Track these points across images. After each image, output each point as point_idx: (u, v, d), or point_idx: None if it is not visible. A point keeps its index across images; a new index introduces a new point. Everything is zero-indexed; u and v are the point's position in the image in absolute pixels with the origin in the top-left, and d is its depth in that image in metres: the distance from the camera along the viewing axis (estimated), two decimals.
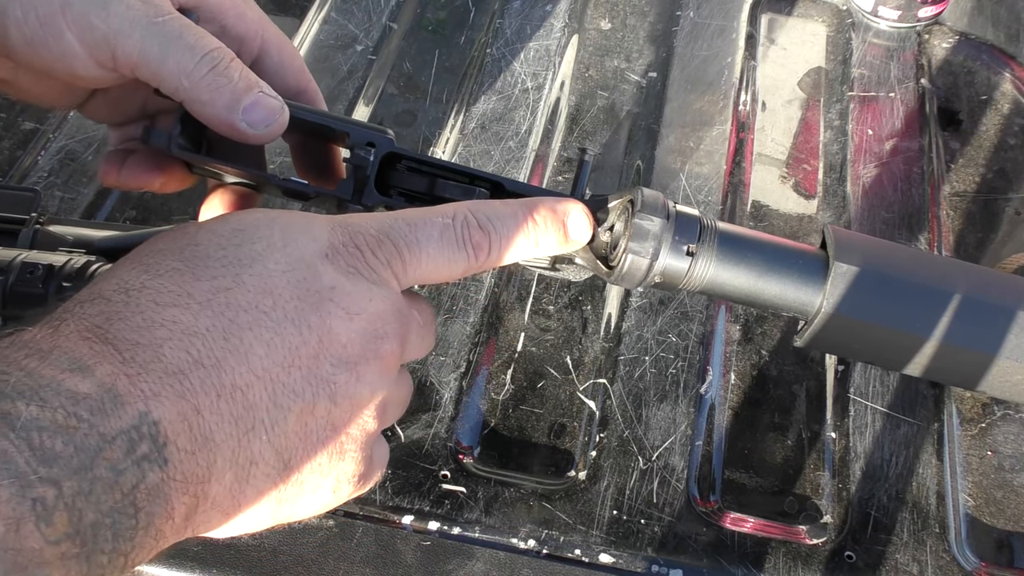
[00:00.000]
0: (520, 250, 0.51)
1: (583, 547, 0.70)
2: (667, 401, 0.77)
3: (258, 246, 0.45)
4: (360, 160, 0.52)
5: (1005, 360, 0.52)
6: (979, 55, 1.05)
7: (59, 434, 0.35)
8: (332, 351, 0.44)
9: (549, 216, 0.51)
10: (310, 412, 0.44)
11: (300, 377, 0.43)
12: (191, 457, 0.39)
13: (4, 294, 0.55)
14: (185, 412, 0.39)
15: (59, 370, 0.37)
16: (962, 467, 0.76)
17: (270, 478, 0.44)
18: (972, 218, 0.92)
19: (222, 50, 0.49)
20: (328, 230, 0.47)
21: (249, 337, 0.42)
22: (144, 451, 0.38)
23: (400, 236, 0.47)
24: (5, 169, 0.91)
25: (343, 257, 0.46)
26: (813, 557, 0.70)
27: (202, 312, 0.42)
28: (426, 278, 0.49)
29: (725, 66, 1.02)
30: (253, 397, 0.42)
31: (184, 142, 0.52)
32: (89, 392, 0.37)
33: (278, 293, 0.44)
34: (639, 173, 0.93)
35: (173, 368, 0.40)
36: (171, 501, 0.39)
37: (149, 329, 0.40)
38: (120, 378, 0.38)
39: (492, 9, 1.07)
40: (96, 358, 0.38)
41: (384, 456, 0.52)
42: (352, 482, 0.48)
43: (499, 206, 0.51)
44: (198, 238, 0.45)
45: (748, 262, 0.52)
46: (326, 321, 0.44)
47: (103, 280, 0.43)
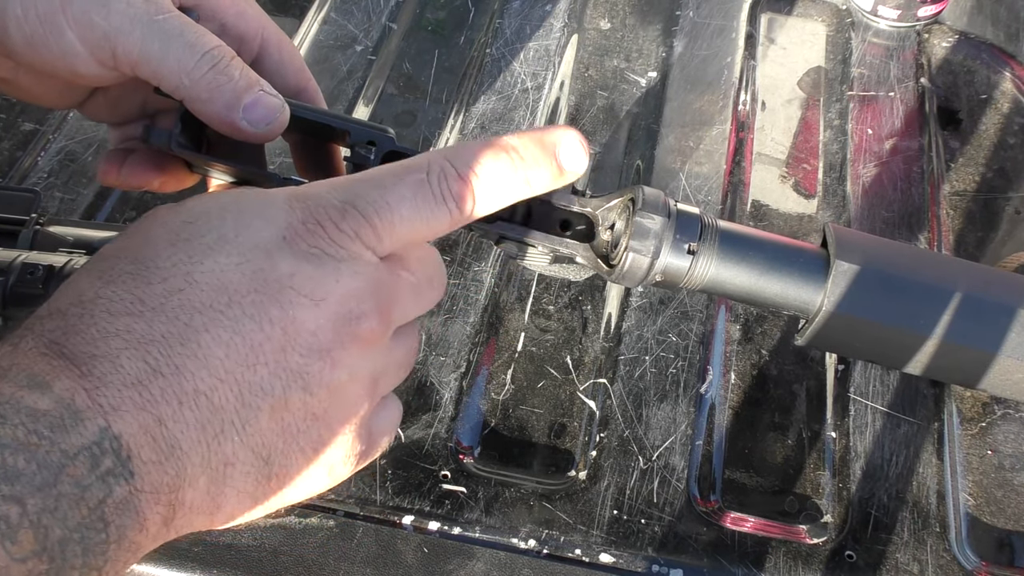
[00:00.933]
0: (510, 193, 0.47)
1: (583, 547, 0.70)
2: (667, 401, 0.77)
3: (208, 238, 0.43)
4: (361, 159, 0.52)
5: (1006, 358, 0.52)
6: (979, 54, 1.05)
7: (21, 451, 0.35)
8: (300, 341, 0.42)
9: (537, 148, 0.47)
10: (283, 407, 0.42)
11: (267, 373, 0.41)
12: (158, 467, 0.38)
13: (4, 295, 0.55)
14: (147, 423, 0.38)
15: (18, 387, 0.37)
16: (962, 466, 0.75)
17: (250, 476, 0.42)
18: (972, 217, 0.92)
19: (222, 48, 0.49)
20: (286, 209, 0.44)
21: (207, 339, 0.40)
22: (108, 466, 0.37)
23: (367, 202, 0.44)
24: (5, 170, 0.91)
25: (303, 238, 0.43)
26: (813, 556, 0.70)
27: (156, 318, 0.40)
28: (405, 241, 0.46)
29: (725, 66, 1.02)
30: (218, 400, 0.40)
31: (184, 141, 0.52)
32: (48, 408, 0.36)
33: (233, 289, 0.41)
34: (639, 173, 0.93)
35: (131, 379, 0.39)
36: (142, 512, 0.38)
37: (104, 340, 0.39)
38: (79, 392, 0.37)
39: (492, 9, 1.07)
40: (54, 373, 0.38)
41: (391, 421, 0.49)
42: (349, 461, 0.47)
43: (478, 148, 0.47)
44: (151, 234, 0.43)
45: (749, 260, 0.52)
46: (288, 312, 0.42)
47: (61, 293, 0.42)
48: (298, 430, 0.43)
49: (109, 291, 0.41)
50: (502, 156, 0.47)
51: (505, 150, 0.47)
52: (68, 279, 0.43)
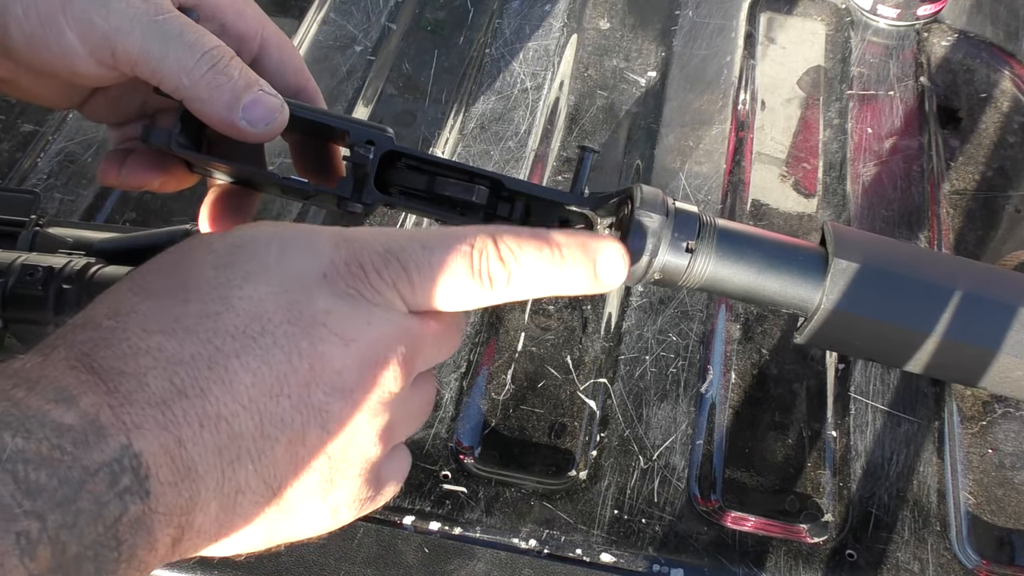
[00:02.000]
0: (543, 286, 0.48)
1: (584, 547, 0.70)
2: (668, 400, 0.77)
3: (251, 265, 0.43)
4: (360, 158, 0.52)
5: (1006, 356, 0.52)
6: (978, 53, 1.05)
7: (43, 466, 0.35)
8: (325, 379, 0.42)
9: (578, 252, 0.47)
10: (300, 441, 0.42)
11: (289, 406, 0.41)
12: (173, 489, 0.39)
13: (4, 296, 0.55)
14: (167, 443, 0.38)
15: (45, 400, 0.37)
16: (963, 465, 0.76)
17: (258, 506, 0.42)
18: (972, 216, 0.92)
19: (222, 48, 0.49)
20: (331, 247, 0.44)
21: (235, 365, 0.41)
22: (126, 483, 0.37)
23: (410, 257, 0.44)
24: (5, 171, 0.91)
25: (343, 278, 0.44)
26: (814, 556, 0.70)
27: (188, 339, 0.40)
28: (436, 305, 0.46)
29: (724, 65, 1.02)
30: (239, 427, 0.40)
31: (184, 141, 0.52)
32: (73, 423, 0.36)
33: (268, 318, 0.42)
34: (639, 172, 0.93)
35: (156, 398, 0.39)
36: (154, 533, 0.38)
37: (134, 357, 0.39)
38: (104, 409, 0.37)
39: (491, 9, 1.07)
40: (81, 388, 0.38)
41: (400, 471, 0.50)
42: (354, 505, 0.47)
43: (524, 235, 0.47)
44: (193, 255, 0.44)
45: (747, 258, 0.51)
46: (318, 347, 0.42)
47: (98, 303, 0.42)
48: (310, 467, 0.43)
49: (145, 307, 0.41)
50: (544, 251, 0.47)
51: (549, 245, 0.47)
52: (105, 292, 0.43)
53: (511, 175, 0.90)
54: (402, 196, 0.54)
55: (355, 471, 0.45)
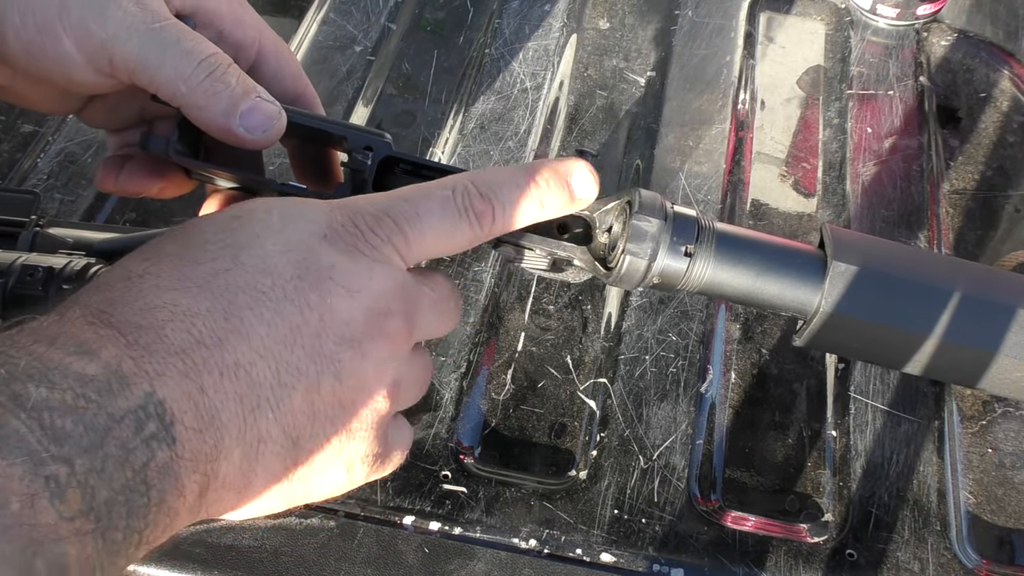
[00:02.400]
0: (525, 213, 0.50)
1: (584, 547, 0.70)
2: (668, 400, 0.77)
3: (256, 227, 0.45)
4: (358, 164, 0.52)
5: (1005, 357, 0.52)
6: (978, 52, 1.05)
7: (69, 414, 0.36)
8: (334, 329, 0.44)
9: (551, 176, 0.51)
10: (315, 390, 0.44)
11: (303, 355, 0.43)
12: (198, 435, 0.40)
13: (4, 296, 0.55)
14: (189, 391, 0.40)
15: (66, 353, 0.38)
16: (963, 464, 0.76)
17: (279, 456, 0.44)
18: (972, 215, 0.92)
19: (219, 56, 0.49)
20: (327, 211, 0.46)
21: (249, 316, 0.42)
22: (152, 430, 0.38)
23: (399, 212, 0.47)
24: (5, 171, 0.91)
25: (342, 237, 0.46)
26: (814, 555, 0.70)
27: (201, 294, 0.42)
28: (431, 252, 0.48)
29: (724, 65, 1.02)
30: (256, 375, 0.42)
31: (182, 147, 0.52)
32: (96, 374, 0.37)
33: (277, 273, 0.44)
34: (638, 172, 0.93)
35: (176, 348, 0.40)
36: (181, 479, 0.39)
37: (151, 312, 0.41)
38: (125, 360, 0.39)
39: (490, 9, 1.07)
40: (101, 341, 0.39)
41: (405, 438, 0.52)
42: (367, 462, 0.48)
43: (499, 172, 0.50)
44: (199, 224, 0.46)
45: (746, 262, 0.52)
46: (326, 299, 0.44)
47: (109, 271, 0.44)
48: (326, 416, 0.45)
49: (157, 268, 0.43)
50: (520, 180, 0.50)
51: (525, 175, 0.50)
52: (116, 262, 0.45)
53: None
54: None
55: (367, 423, 0.47)
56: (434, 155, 0.94)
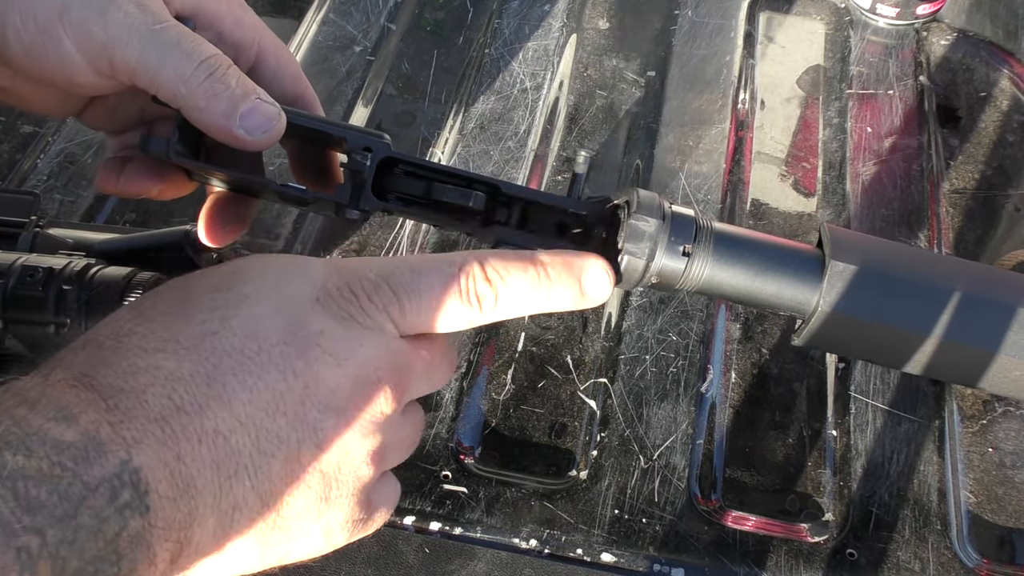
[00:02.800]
0: (530, 305, 0.49)
1: (585, 547, 0.70)
2: (668, 400, 0.77)
3: (248, 288, 0.44)
4: (357, 165, 0.52)
5: (1004, 357, 0.52)
6: (977, 52, 1.05)
7: (44, 483, 0.35)
8: (319, 397, 0.43)
9: (563, 271, 0.49)
10: (295, 459, 0.43)
11: (285, 423, 0.42)
12: (172, 504, 0.39)
13: (4, 297, 0.55)
14: (166, 459, 0.39)
15: (45, 419, 0.37)
16: (963, 464, 0.76)
17: (255, 523, 0.43)
18: (972, 215, 0.92)
19: (219, 57, 0.49)
20: (324, 274, 0.46)
21: (232, 382, 0.41)
22: (126, 499, 0.37)
23: (400, 283, 0.46)
24: (5, 172, 0.92)
25: (336, 301, 0.45)
26: (815, 555, 0.70)
27: (187, 357, 0.41)
28: (426, 327, 0.47)
29: (724, 65, 1.02)
30: (236, 443, 0.41)
31: (182, 149, 0.52)
32: (73, 440, 0.37)
33: (264, 337, 0.43)
34: (638, 172, 0.93)
35: (155, 415, 0.39)
36: (153, 548, 0.39)
37: (134, 375, 0.40)
38: (103, 425, 0.38)
39: (490, 9, 1.07)
40: (81, 406, 0.38)
41: (391, 496, 0.51)
42: (346, 527, 0.47)
43: (510, 258, 0.49)
44: (191, 282, 0.45)
45: (744, 262, 0.51)
46: (312, 367, 0.43)
47: (101, 326, 0.43)
48: (306, 484, 0.44)
49: (144, 327, 0.42)
50: (530, 271, 0.49)
51: (535, 265, 0.49)
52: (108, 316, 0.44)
53: (510, 175, 0.91)
54: (399, 202, 0.54)
55: (348, 490, 0.46)
56: (434, 155, 0.94)
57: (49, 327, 0.56)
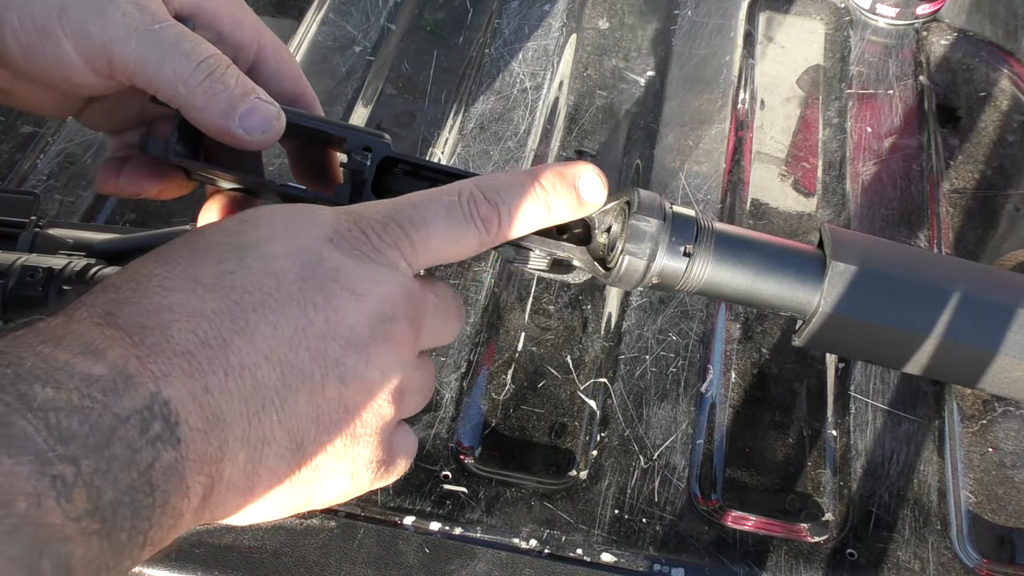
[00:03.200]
0: (532, 218, 0.50)
1: (585, 547, 0.70)
2: (668, 400, 0.77)
3: (262, 232, 0.45)
4: (357, 165, 0.52)
5: (1004, 357, 0.52)
6: (977, 52, 1.05)
7: (75, 414, 0.36)
8: (340, 332, 0.44)
9: (558, 180, 0.50)
10: (320, 393, 0.44)
11: (308, 358, 0.43)
12: (203, 436, 0.40)
13: (4, 297, 0.55)
14: (195, 391, 0.40)
15: (72, 354, 0.38)
16: (963, 464, 0.76)
17: (283, 459, 0.44)
18: (972, 215, 0.92)
19: (218, 57, 0.49)
20: (333, 217, 0.46)
21: (255, 317, 0.42)
22: (157, 430, 0.38)
23: (406, 217, 0.47)
24: (4, 172, 0.92)
25: (348, 241, 0.46)
26: (815, 555, 0.70)
27: (208, 295, 0.42)
28: (437, 258, 0.48)
29: (724, 64, 1.02)
30: (262, 377, 0.42)
31: (181, 149, 0.52)
32: (102, 374, 0.37)
33: (282, 275, 0.44)
34: (638, 172, 0.93)
35: (181, 349, 0.40)
36: (186, 480, 0.39)
37: (157, 313, 0.41)
38: (131, 360, 0.39)
39: (490, 9, 1.07)
40: (107, 342, 0.39)
41: (410, 445, 0.51)
42: (371, 468, 0.48)
43: (505, 177, 0.50)
44: (206, 231, 0.46)
45: (745, 262, 0.51)
46: (332, 302, 0.44)
47: (118, 273, 0.44)
48: (330, 420, 0.45)
49: (163, 270, 0.43)
50: (527, 184, 0.50)
51: (531, 179, 0.50)
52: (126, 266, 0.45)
53: None
54: None
55: (371, 428, 0.46)
56: (434, 155, 0.94)
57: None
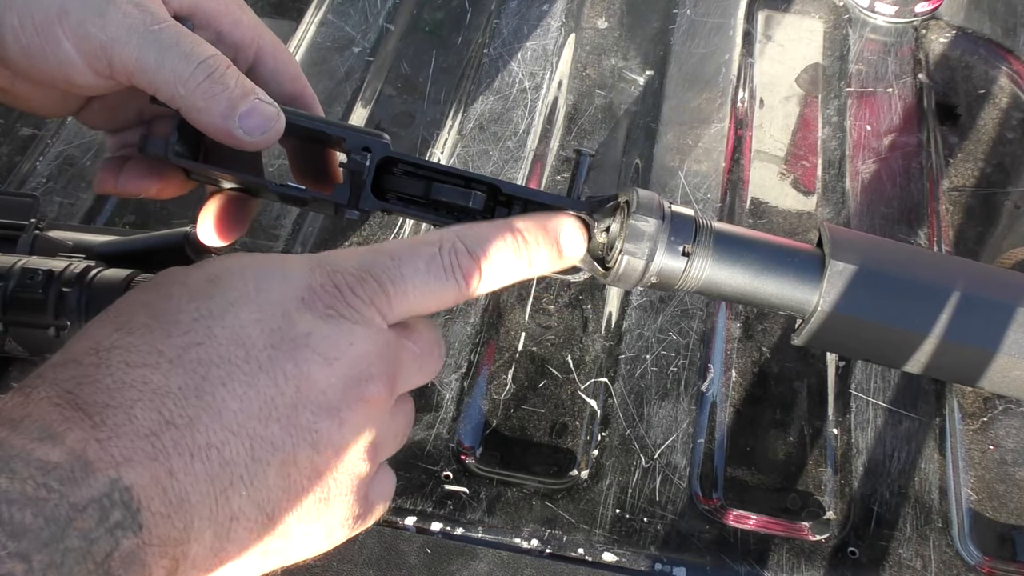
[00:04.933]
0: (513, 273, 0.49)
1: (586, 546, 0.70)
2: (668, 399, 0.77)
3: (230, 295, 0.43)
4: (356, 165, 0.52)
5: (1004, 356, 0.52)
6: (976, 49, 1.05)
7: (28, 506, 0.34)
8: (311, 399, 0.43)
9: (540, 234, 0.49)
10: (292, 463, 0.42)
11: (279, 429, 0.42)
12: (167, 520, 0.38)
13: (4, 300, 0.55)
14: (158, 475, 0.38)
15: (29, 439, 0.36)
16: (964, 462, 0.76)
17: (253, 532, 0.42)
18: (971, 212, 0.92)
19: (218, 57, 0.49)
20: (306, 272, 0.45)
21: (222, 393, 0.41)
22: (117, 518, 0.37)
23: (383, 271, 0.45)
24: (4, 175, 0.92)
25: (321, 299, 0.44)
26: (816, 553, 0.70)
27: (173, 370, 0.40)
28: (414, 311, 0.47)
29: (723, 63, 1.02)
30: (229, 454, 0.40)
31: (181, 149, 0.52)
32: (59, 461, 0.36)
33: (251, 344, 0.42)
34: (638, 171, 0.93)
35: (144, 430, 0.39)
36: (148, 566, 0.38)
37: (120, 391, 0.39)
38: (91, 444, 0.37)
39: (489, 9, 1.07)
40: (66, 424, 0.37)
41: (387, 490, 0.50)
42: (347, 524, 0.47)
43: (486, 229, 0.49)
44: (171, 291, 0.44)
45: (744, 261, 0.51)
46: (303, 368, 0.43)
47: (76, 341, 0.42)
48: (303, 488, 0.44)
49: (126, 341, 0.41)
50: (508, 238, 0.49)
51: (512, 233, 0.49)
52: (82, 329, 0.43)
53: (510, 175, 0.91)
54: (399, 202, 0.54)
55: (346, 489, 0.46)
56: (433, 155, 0.94)
57: (49, 330, 0.56)
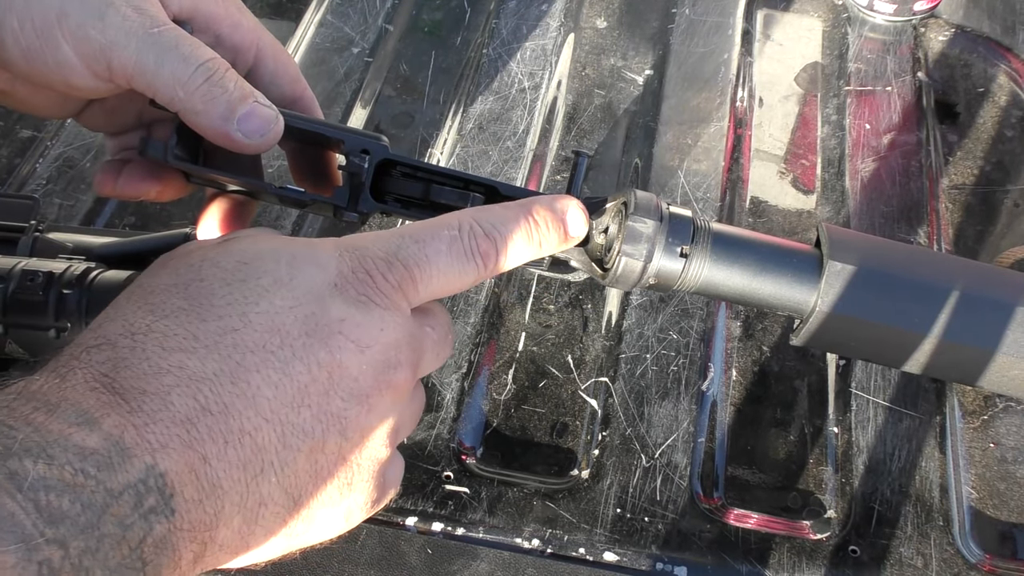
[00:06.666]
0: (525, 253, 0.50)
1: (587, 546, 0.70)
2: (669, 398, 0.77)
3: (264, 280, 0.44)
4: (355, 167, 0.52)
5: (1003, 355, 0.52)
6: (975, 47, 1.05)
7: (66, 492, 0.35)
8: (343, 386, 0.43)
9: (549, 216, 0.51)
10: (320, 449, 0.43)
11: (310, 416, 0.43)
12: (198, 506, 0.39)
13: (4, 301, 0.55)
14: (192, 462, 0.39)
15: (67, 424, 0.37)
16: (965, 460, 0.76)
17: (279, 516, 0.43)
18: (971, 211, 0.92)
19: (217, 60, 0.49)
20: (336, 257, 0.46)
21: (257, 379, 0.41)
22: (151, 504, 0.37)
23: (410, 255, 0.46)
24: (4, 177, 0.92)
25: (353, 285, 0.45)
26: (817, 552, 0.70)
27: (209, 356, 0.41)
28: (437, 293, 0.48)
29: (722, 63, 1.02)
30: (262, 440, 0.41)
31: (181, 152, 0.52)
32: (96, 447, 0.36)
33: (286, 331, 0.43)
34: (637, 171, 0.93)
35: (180, 416, 0.39)
36: (178, 550, 0.38)
37: (156, 376, 0.40)
38: (127, 429, 0.38)
39: (488, 9, 1.07)
40: (103, 409, 0.38)
41: (398, 474, 0.51)
42: (365, 507, 0.48)
43: (500, 211, 0.50)
44: (203, 272, 0.44)
45: (742, 262, 0.52)
46: (336, 356, 0.43)
47: (109, 322, 0.42)
48: (329, 473, 0.44)
49: (162, 325, 0.42)
50: (521, 220, 0.50)
51: (524, 214, 0.50)
52: (111, 311, 0.43)
53: (509, 175, 0.91)
54: (398, 204, 0.54)
55: (368, 474, 0.46)
56: (433, 156, 0.94)
57: (49, 331, 0.56)
